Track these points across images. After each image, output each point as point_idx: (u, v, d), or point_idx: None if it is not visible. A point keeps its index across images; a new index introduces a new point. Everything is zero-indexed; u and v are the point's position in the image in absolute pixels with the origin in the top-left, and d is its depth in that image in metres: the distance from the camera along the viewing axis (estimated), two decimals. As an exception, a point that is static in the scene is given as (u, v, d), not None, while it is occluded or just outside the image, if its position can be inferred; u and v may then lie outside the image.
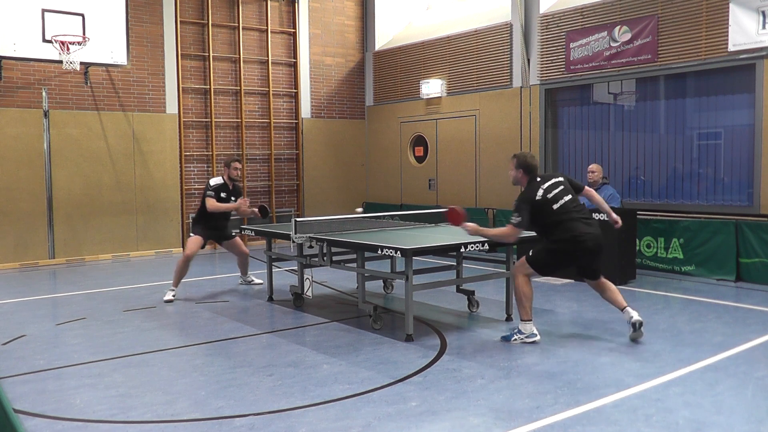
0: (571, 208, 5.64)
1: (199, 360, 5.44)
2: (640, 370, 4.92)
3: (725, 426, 3.87)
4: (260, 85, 13.11)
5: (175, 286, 7.96)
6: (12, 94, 10.58)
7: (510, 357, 5.30)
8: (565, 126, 11.14)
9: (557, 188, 5.67)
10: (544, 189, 5.64)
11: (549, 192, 5.63)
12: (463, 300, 7.11)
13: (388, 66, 13.90)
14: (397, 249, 5.60)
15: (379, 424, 3.96)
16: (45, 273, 10.21)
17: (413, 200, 13.16)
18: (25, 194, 10.72)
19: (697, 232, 8.64)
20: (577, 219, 5.61)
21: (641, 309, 6.96)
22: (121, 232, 11.61)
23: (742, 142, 8.94)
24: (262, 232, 7.78)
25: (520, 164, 5.77)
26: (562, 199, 5.64)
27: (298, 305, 7.28)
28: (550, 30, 10.92)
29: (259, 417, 4.10)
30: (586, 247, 5.58)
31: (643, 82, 9.98)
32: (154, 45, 11.82)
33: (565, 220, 5.58)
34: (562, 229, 5.58)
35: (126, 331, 6.36)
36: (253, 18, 13.00)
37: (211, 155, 12.50)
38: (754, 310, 6.88)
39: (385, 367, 5.08)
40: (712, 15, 8.91)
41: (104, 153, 11.41)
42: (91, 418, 4.16)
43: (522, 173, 5.77)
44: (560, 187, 5.69)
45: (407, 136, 13.56)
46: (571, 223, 5.58)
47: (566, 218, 5.59)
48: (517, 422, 3.97)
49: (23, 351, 5.71)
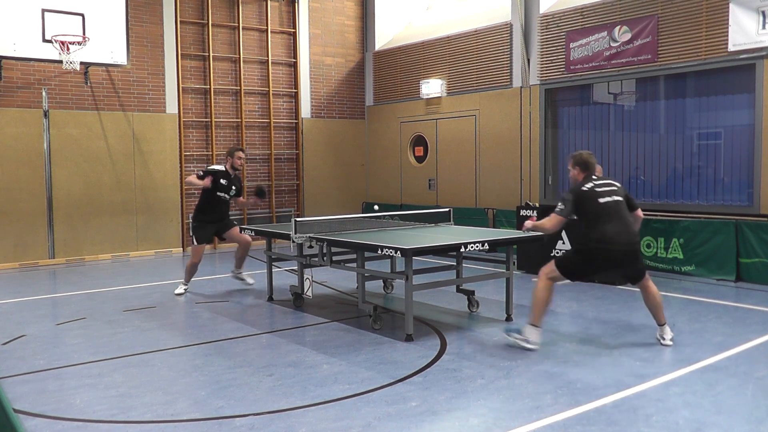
0: (615, 210, 5.45)
1: (199, 360, 5.44)
2: (640, 370, 4.92)
3: (725, 426, 3.87)
4: (260, 85, 13.12)
5: (186, 282, 8.14)
6: (12, 94, 10.58)
7: (510, 357, 5.30)
8: (565, 126, 11.14)
9: (610, 187, 5.55)
10: (596, 183, 5.55)
11: (600, 187, 5.53)
12: (463, 300, 7.11)
13: (388, 66, 13.90)
14: (397, 249, 5.60)
15: (379, 424, 3.96)
16: (45, 273, 10.21)
17: (413, 200, 13.16)
18: (25, 194, 10.72)
19: (697, 232, 8.64)
20: (616, 223, 5.41)
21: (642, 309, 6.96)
22: (121, 232, 11.61)
23: (742, 142, 8.93)
24: (262, 232, 7.78)
25: (576, 162, 5.71)
26: (611, 197, 5.49)
27: (298, 305, 7.28)
28: (550, 30, 10.92)
29: (259, 417, 4.10)
30: (611, 255, 5.38)
31: (643, 82, 9.98)
32: (154, 45, 11.82)
33: (603, 217, 5.39)
34: (597, 229, 5.39)
35: (126, 331, 6.36)
36: (253, 18, 13.00)
37: (211, 155, 12.50)
38: (754, 310, 6.88)
39: (385, 367, 5.08)
40: (712, 15, 8.91)
41: (104, 153, 11.41)
42: (91, 418, 4.16)
43: (578, 170, 5.69)
44: (613, 188, 5.56)
45: (407, 136, 13.56)
46: (607, 225, 5.38)
47: (605, 218, 5.40)
48: (517, 422, 3.97)
49: (23, 351, 5.71)
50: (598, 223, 5.40)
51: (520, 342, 5.50)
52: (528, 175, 11.32)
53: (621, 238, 5.38)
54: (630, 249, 5.43)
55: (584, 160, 5.67)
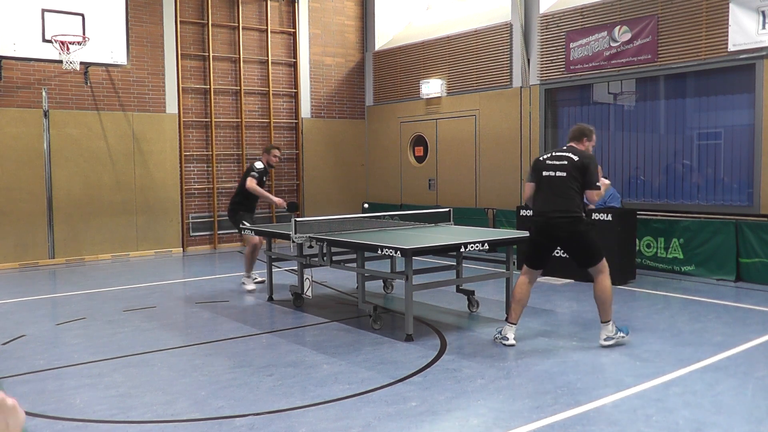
0: (552, 184, 5.52)
1: (199, 360, 5.44)
2: (640, 370, 4.92)
3: (725, 426, 3.87)
4: (260, 85, 13.12)
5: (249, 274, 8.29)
6: (12, 94, 10.58)
7: (510, 357, 5.30)
8: (565, 126, 11.13)
9: (560, 161, 5.56)
10: (550, 155, 5.64)
11: (550, 160, 5.60)
12: (463, 300, 7.11)
13: (388, 66, 13.90)
14: (397, 249, 5.60)
15: (379, 424, 3.96)
16: (45, 273, 10.21)
17: (413, 200, 13.16)
18: (25, 194, 10.72)
19: (697, 232, 8.64)
20: (547, 194, 5.53)
21: (641, 309, 6.98)
22: (121, 232, 11.61)
23: (742, 142, 8.93)
24: (262, 232, 7.78)
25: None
26: (554, 171, 5.54)
27: (298, 305, 7.28)
28: (550, 30, 10.92)
29: (259, 417, 4.10)
30: (537, 226, 5.59)
31: (643, 82, 9.98)
32: (154, 45, 11.82)
33: (542, 189, 5.57)
34: (535, 201, 5.60)
35: (126, 331, 6.36)
36: (253, 18, 13.00)
37: (211, 155, 12.50)
38: (754, 310, 6.88)
39: (385, 367, 5.08)
40: (712, 15, 8.91)
41: (104, 153, 11.41)
42: (91, 418, 4.16)
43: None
44: (563, 162, 5.54)
45: (407, 136, 13.56)
46: (538, 197, 5.58)
47: (541, 190, 5.57)
48: (517, 422, 3.97)
49: (23, 351, 5.71)
50: (538, 194, 5.61)
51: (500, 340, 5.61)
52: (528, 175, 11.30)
53: (544, 207, 5.55)
54: (552, 220, 5.48)
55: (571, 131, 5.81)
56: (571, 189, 5.49)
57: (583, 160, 5.51)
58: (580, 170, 5.48)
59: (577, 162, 5.49)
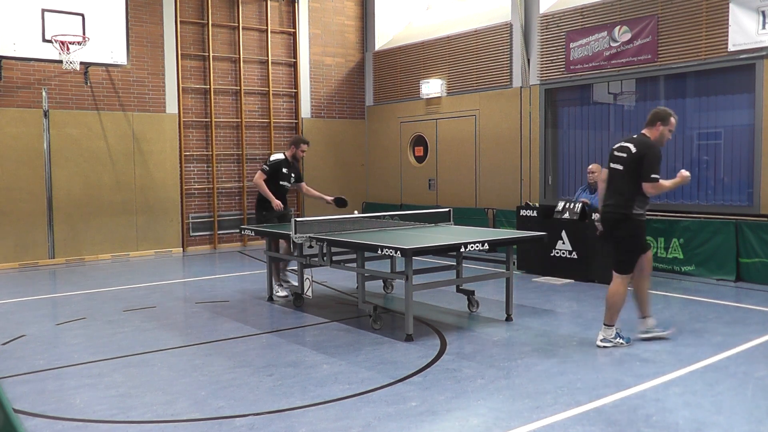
0: (611, 177, 5.56)
1: (199, 360, 5.44)
2: (640, 370, 4.92)
3: (725, 426, 3.87)
4: (260, 85, 13.11)
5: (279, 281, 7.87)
6: (12, 94, 10.58)
7: (510, 357, 5.30)
8: (565, 126, 11.14)
9: (621, 153, 5.50)
10: (617, 146, 5.62)
11: (616, 151, 5.58)
12: (463, 300, 7.11)
13: (388, 66, 13.90)
14: (397, 249, 5.60)
15: (379, 424, 3.96)
16: (45, 273, 10.21)
17: (413, 200, 13.16)
18: (25, 194, 10.72)
19: (697, 232, 8.64)
20: (609, 190, 5.56)
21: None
22: (121, 232, 11.61)
23: (742, 142, 8.93)
24: (262, 232, 7.77)
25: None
26: (614, 164, 5.53)
27: (298, 305, 7.28)
28: (550, 30, 10.91)
29: (259, 417, 4.10)
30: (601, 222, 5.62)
31: (643, 82, 9.98)
32: (154, 45, 11.82)
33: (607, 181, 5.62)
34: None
35: (126, 331, 6.36)
36: (253, 18, 13.00)
37: (211, 155, 12.50)
38: (754, 310, 6.87)
39: (385, 367, 5.08)
40: (712, 15, 8.91)
41: (104, 153, 11.41)
42: (91, 418, 4.16)
43: None
44: (622, 154, 5.46)
45: (407, 136, 13.56)
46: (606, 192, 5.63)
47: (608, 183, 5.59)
48: (517, 422, 3.96)
49: (23, 351, 5.71)
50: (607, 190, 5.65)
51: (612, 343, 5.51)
52: (528, 175, 11.32)
53: (604, 200, 5.66)
54: (604, 214, 5.60)
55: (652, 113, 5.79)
56: (625, 184, 5.42)
57: (641, 150, 5.38)
58: (637, 162, 5.34)
59: (635, 154, 5.38)
